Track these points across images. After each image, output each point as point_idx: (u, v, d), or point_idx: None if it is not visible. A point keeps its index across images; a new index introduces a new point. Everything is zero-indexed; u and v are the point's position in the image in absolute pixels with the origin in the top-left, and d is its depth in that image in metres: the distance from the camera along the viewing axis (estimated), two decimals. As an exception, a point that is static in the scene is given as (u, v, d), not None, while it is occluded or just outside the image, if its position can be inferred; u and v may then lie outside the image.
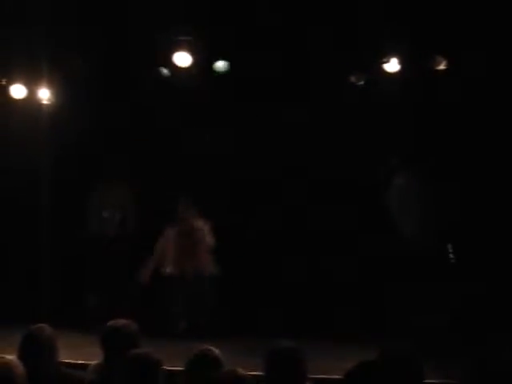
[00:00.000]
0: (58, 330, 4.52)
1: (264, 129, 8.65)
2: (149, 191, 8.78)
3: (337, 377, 5.50)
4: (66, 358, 5.11)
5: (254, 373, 4.54)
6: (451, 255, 7.96)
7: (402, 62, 7.71)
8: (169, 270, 8.34)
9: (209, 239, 8.22)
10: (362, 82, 8.16)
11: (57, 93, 8.51)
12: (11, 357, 3.78)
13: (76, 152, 8.97)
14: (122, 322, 4.52)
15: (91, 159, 8.94)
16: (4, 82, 8.46)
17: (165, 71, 8.29)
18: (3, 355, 3.79)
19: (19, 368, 3.64)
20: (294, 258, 8.53)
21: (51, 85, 8.43)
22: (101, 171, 8.85)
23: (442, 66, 7.67)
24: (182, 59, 7.92)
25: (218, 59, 8.14)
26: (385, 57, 7.73)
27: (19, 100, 8.48)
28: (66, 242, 8.97)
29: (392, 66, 7.75)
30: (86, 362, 4.85)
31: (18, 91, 8.43)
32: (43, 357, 4.25)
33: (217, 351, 4.11)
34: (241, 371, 3.87)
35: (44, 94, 8.48)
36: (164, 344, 6.50)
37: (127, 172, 8.78)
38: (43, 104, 8.51)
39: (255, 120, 8.63)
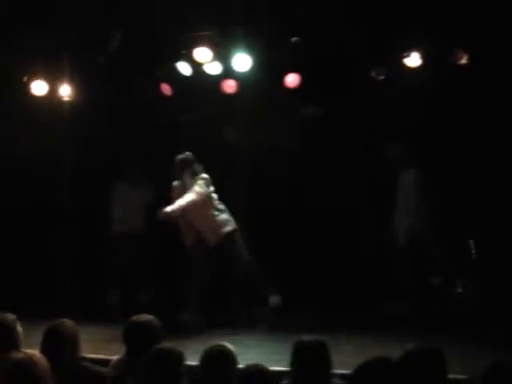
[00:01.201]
0: (81, 325, 4.58)
1: (283, 123, 8.68)
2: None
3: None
4: (88, 353, 5.13)
5: (276, 368, 4.57)
6: (473, 251, 7.92)
7: (423, 57, 7.65)
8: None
9: None
10: (382, 77, 8.09)
11: (78, 89, 8.53)
12: (34, 351, 3.79)
13: (98, 148, 9.00)
14: (144, 317, 4.54)
15: (113, 155, 8.98)
16: (25, 79, 8.46)
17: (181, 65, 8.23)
18: (26, 350, 3.81)
19: (43, 363, 3.65)
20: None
21: (72, 81, 8.44)
22: (123, 167, 8.85)
23: (463, 61, 7.59)
24: (203, 54, 7.89)
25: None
26: (405, 51, 7.67)
27: (40, 97, 8.49)
28: (90, 237, 9.02)
29: (413, 60, 7.68)
30: (108, 358, 4.85)
31: (39, 88, 8.44)
32: (65, 351, 4.29)
33: (231, 346, 4.12)
34: (263, 366, 3.88)
35: (65, 91, 8.48)
36: (184, 339, 6.50)
37: (151, 168, 8.79)
38: (64, 100, 8.52)
39: (272, 115, 8.67)
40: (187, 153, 7.66)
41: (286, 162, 8.89)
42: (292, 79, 8.34)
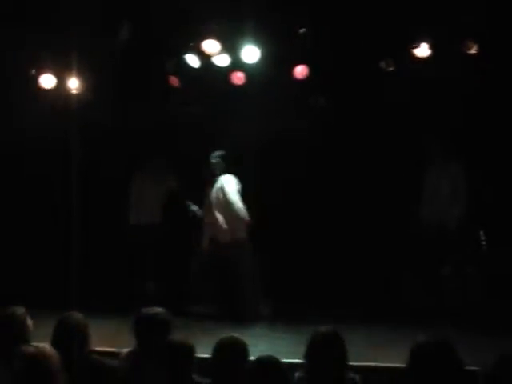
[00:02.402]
0: (90, 317, 4.56)
1: (292, 114, 8.70)
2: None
3: (372, 364, 5.52)
4: (98, 346, 5.10)
5: (288, 360, 4.54)
6: (483, 241, 7.86)
7: (432, 47, 7.58)
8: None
9: None
10: (391, 68, 8.04)
11: (86, 82, 8.50)
12: (45, 345, 3.76)
13: (106, 142, 9.01)
14: (154, 309, 4.53)
15: (123, 149, 8.99)
16: (34, 72, 8.43)
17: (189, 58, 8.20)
18: (37, 344, 3.78)
19: (54, 356, 3.62)
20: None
21: (81, 74, 8.41)
22: (135, 161, 8.87)
23: (473, 51, 7.53)
24: (211, 46, 7.86)
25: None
26: (415, 42, 7.61)
27: (49, 90, 8.47)
28: (101, 230, 9.05)
29: (422, 50, 7.62)
30: (118, 350, 4.84)
31: (47, 81, 8.41)
32: (75, 344, 4.28)
33: (242, 338, 4.08)
34: (276, 358, 3.85)
35: (73, 84, 8.46)
36: (194, 331, 6.52)
37: (163, 163, 8.82)
38: (73, 94, 8.49)
39: (280, 106, 8.65)
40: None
41: (296, 155, 8.88)
42: (300, 70, 8.30)
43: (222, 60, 8.14)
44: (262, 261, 7.98)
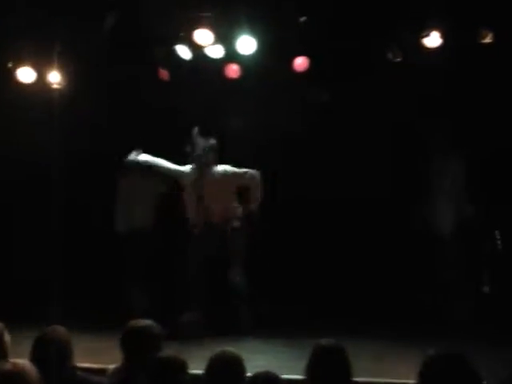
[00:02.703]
0: (74, 332, 4.56)
1: (291, 109, 8.73)
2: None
3: (379, 380, 5.53)
4: (83, 362, 5.13)
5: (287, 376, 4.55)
6: (499, 242, 7.88)
7: (443, 36, 7.59)
8: None
9: None
10: (399, 59, 8.04)
11: (69, 76, 8.49)
12: (24, 361, 3.77)
13: (90, 139, 9.01)
14: (143, 322, 4.51)
15: (108, 146, 8.96)
16: (10, 65, 8.43)
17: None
18: (16, 360, 3.78)
19: (33, 373, 3.62)
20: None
21: (63, 67, 8.40)
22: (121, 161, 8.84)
23: (487, 40, 7.53)
24: (203, 36, 7.88)
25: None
26: (424, 30, 7.61)
27: (27, 84, 8.47)
28: (84, 236, 9.08)
29: (432, 40, 7.63)
30: (104, 367, 4.84)
31: (25, 75, 8.41)
32: (57, 360, 4.26)
33: (238, 353, 4.09)
34: (275, 374, 3.85)
35: (54, 78, 8.44)
36: (185, 345, 6.54)
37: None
38: (54, 88, 8.46)
39: (279, 101, 8.70)
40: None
41: (295, 152, 8.91)
42: (301, 62, 8.34)
43: (216, 51, 8.15)
44: (260, 267, 8.00)
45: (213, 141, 7.97)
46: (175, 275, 8.24)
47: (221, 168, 7.96)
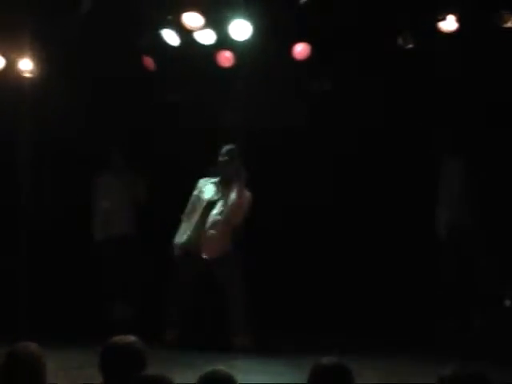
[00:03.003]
0: (47, 350, 4.47)
1: (290, 101, 8.81)
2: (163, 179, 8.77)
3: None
4: (58, 382, 5.18)
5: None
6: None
7: (460, 20, 7.56)
8: None
9: None
10: (411, 45, 8.00)
11: (41, 64, 8.43)
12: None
13: (65, 134, 8.84)
14: (125, 338, 4.44)
15: (84, 142, 8.91)
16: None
17: None
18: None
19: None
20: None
21: (35, 54, 8.34)
22: (95, 156, 8.89)
23: (509, 24, 7.48)
24: (193, 20, 7.81)
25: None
26: (440, 14, 7.58)
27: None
28: (60, 244, 8.98)
29: (448, 24, 7.59)
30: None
31: (-6, 62, 8.41)
32: (26, 380, 4.22)
33: (230, 372, 3.98)
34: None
35: (26, 65, 8.40)
36: (172, 363, 6.50)
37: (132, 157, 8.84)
38: (25, 77, 8.42)
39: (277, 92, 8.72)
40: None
41: (294, 148, 8.92)
42: (301, 49, 8.32)
43: (206, 36, 8.10)
44: (256, 281, 7.97)
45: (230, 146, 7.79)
46: (160, 287, 8.15)
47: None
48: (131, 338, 4.46)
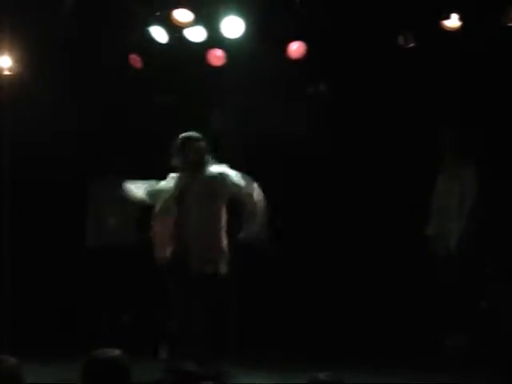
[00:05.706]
0: (28, 363, 4.45)
1: (285, 103, 8.74)
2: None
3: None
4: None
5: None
6: None
7: (464, 18, 7.60)
8: None
9: None
10: (412, 44, 8.02)
11: (21, 61, 8.42)
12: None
13: (48, 136, 8.81)
14: (108, 352, 4.39)
15: (72, 149, 8.90)
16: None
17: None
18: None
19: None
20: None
21: (14, 51, 8.35)
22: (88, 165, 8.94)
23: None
24: (182, 16, 7.87)
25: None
26: (442, 11, 7.62)
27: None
28: (45, 252, 9.01)
29: (452, 22, 7.63)
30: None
31: (-30, 58, 8.43)
32: None
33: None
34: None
35: (5, 62, 8.41)
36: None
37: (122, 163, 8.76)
38: (3, 75, 8.43)
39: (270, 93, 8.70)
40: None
41: (289, 153, 8.91)
42: (296, 48, 8.33)
43: (197, 34, 8.14)
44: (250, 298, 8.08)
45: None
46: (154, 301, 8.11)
47: (215, 169, 6.95)
48: (115, 352, 4.43)
